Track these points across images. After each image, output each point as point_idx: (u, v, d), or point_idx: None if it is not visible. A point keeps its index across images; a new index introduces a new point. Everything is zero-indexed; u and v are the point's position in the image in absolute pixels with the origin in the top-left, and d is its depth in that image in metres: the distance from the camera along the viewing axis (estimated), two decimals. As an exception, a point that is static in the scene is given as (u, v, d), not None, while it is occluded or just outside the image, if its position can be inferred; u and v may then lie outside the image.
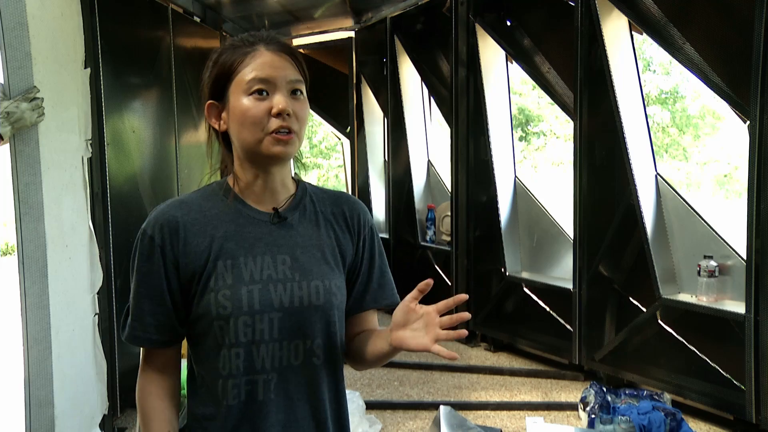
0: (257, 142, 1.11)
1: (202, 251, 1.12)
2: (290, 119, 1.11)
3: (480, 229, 4.81)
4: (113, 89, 3.50)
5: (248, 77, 1.11)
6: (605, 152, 3.84)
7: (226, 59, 1.14)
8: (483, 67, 4.63)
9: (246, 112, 1.11)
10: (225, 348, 1.11)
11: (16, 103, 2.57)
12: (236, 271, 1.11)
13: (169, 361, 1.19)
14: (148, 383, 1.18)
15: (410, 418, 3.59)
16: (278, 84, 1.12)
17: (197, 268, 1.12)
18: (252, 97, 1.11)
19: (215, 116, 1.17)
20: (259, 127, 1.10)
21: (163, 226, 1.12)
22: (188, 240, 1.12)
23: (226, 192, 1.17)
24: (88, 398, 3.10)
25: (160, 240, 1.12)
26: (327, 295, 1.15)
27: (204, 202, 1.16)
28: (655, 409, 3.13)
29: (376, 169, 6.26)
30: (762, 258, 3.00)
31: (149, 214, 1.15)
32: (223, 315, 1.10)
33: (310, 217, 1.20)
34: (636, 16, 3.60)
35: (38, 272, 2.72)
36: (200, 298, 1.11)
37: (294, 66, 1.15)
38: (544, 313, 4.35)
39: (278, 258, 1.14)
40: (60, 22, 2.95)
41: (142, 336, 1.15)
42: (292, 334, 1.13)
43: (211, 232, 1.13)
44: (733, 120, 11.85)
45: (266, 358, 1.11)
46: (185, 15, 4.73)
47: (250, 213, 1.16)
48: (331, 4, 5.65)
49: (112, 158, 3.47)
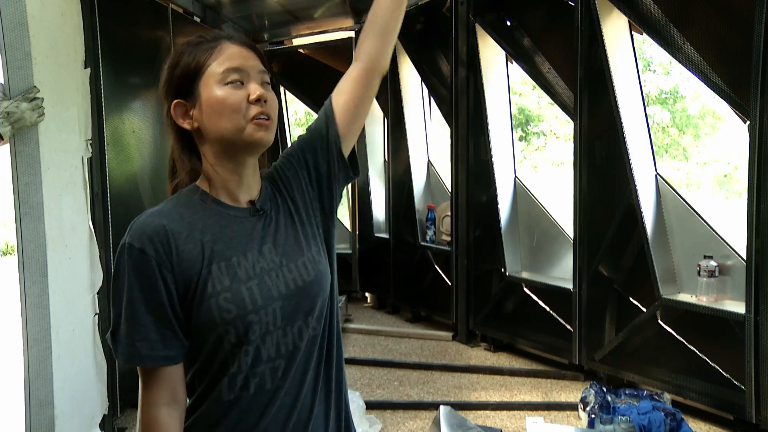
0: (239, 130, 1.11)
1: (196, 257, 1.09)
2: (267, 105, 1.12)
3: (480, 229, 4.81)
4: (113, 89, 3.50)
5: (221, 68, 1.11)
6: (605, 152, 3.84)
7: (191, 57, 1.14)
8: (483, 67, 4.63)
9: (224, 101, 1.10)
10: (234, 348, 1.09)
11: (16, 103, 2.57)
12: (231, 271, 1.10)
13: (179, 378, 1.11)
14: (162, 417, 1.08)
15: (410, 418, 3.59)
16: (251, 73, 1.13)
17: (193, 276, 1.09)
18: (228, 87, 1.11)
19: (182, 116, 1.15)
20: (240, 114, 1.10)
21: (152, 237, 1.07)
22: (180, 248, 1.09)
23: (202, 196, 1.15)
24: (88, 398, 3.10)
25: (153, 251, 1.07)
26: (314, 265, 1.16)
27: (183, 210, 1.13)
28: (655, 409, 3.13)
29: (376, 169, 6.26)
30: (762, 258, 3.00)
31: (129, 229, 1.10)
32: (229, 318, 1.08)
33: (276, 201, 1.21)
34: (636, 16, 3.60)
35: (38, 272, 2.72)
36: (199, 306, 1.08)
37: (259, 58, 1.16)
38: (544, 313, 4.35)
39: (264, 248, 1.14)
40: (60, 22, 2.96)
41: (151, 354, 1.07)
42: (293, 317, 1.13)
43: (199, 237, 1.11)
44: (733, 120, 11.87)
45: (272, 347, 1.11)
46: (185, 15, 4.73)
47: (230, 212, 1.15)
48: (331, 4, 5.65)
49: (112, 158, 3.47)
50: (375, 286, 6.20)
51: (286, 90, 6.89)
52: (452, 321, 5.02)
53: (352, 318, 5.68)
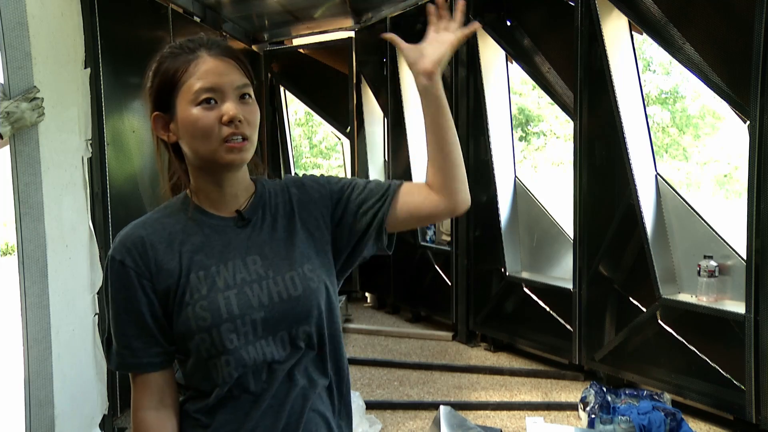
0: (211, 152, 1.09)
1: (173, 268, 1.11)
2: (242, 125, 1.09)
3: (480, 229, 4.81)
4: (113, 89, 3.50)
5: (195, 87, 1.08)
6: (605, 152, 3.84)
7: (168, 68, 1.11)
8: (483, 67, 4.63)
9: (195, 123, 1.09)
10: (214, 358, 1.10)
11: (16, 103, 2.57)
12: (209, 280, 1.11)
13: (167, 383, 1.15)
14: (150, 420, 1.13)
15: (410, 418, 3.59)
16: (225, 91, 1.09)
17: (171, 285, 1.10)
18: (200, 107, 1.08)
19: (162, 127, 1.14)
20: (211, 137, 1.08)
21: (131, 249, 1.10)
22: (158, 259, 1.10)
23: (186, 205, 1.16)
24: (88, 398, 3.10)
25: (132, 263, 1.10)
26: (304, 281, 1.15)
27: (166, 219, 1.14)
28: (655, 409, 3.13)
29: (376, 169, 6.25)
30: (762, 258, 3.00)
31: (113, 240, 1.14)
32: (204, 326, 1.09)
33: (272, 212, 1.19)
34: (636, 16, 3.60)
35: (38, 272, 2.72)
36: (178, 315, 1.10)
37: (239, 69, 1.12)
38: (544, 313, 4.35)
39: (248, 259, 1.14)
40: (60, 22, 2.96)
41: (134, 362, 1.12)
42: (276, 328, 1.12)
43: (178, 247, 1.12)
44: (733, 120, 11.85)
45: (256, 356, 1.11)
46: (185, 15, 4.73)
47: (212, 221, 1.15)
48: (331, 4, 5.65)
49: (112, 158, 3.47)
50: (375, 286, 6.20)
51: (286, 90, 6.89)
52: (452, 321, 5.02)
53: (352, 318, 5.68)
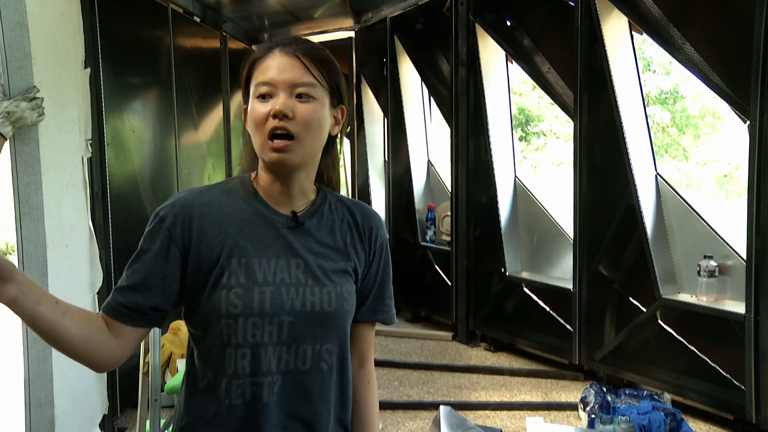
0: (260, 146, 1.11)
1: (216, 245, 1.11)
2: (289, 121, 1.08)
3: (480, 229, 4.81)
4: (113, 89, 3.50)
5: (257, 81, 1.12)
6: (605, 152, 3.84)
7: (247, 64, 1.16)
8: (483, 67, 4.63)
9: (251, 114, 1.12)
10: (231, 347, 1.09)
11: (16, 103, 2.57)
12: (250, 270, 1.10)
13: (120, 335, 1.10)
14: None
15: (410, 418, 3.59)
16: (279, 86, 1.09)
17: (208, 261, 1.10)
18: (258, 100, 1.11)
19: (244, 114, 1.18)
20: (261, 130, 1.10)
21: (178, 211, 1.11)
22: (203, 230, 1.11)
23: (246, 187, 1.17)
24: (88, 398, 3.10)
25: (171, 222, 1.10)
26: (339, 301, 1.14)
27: (224, 197, 1.15)
28: (655, 409, 3.13)
29: (376, 169, 6.26)
30: (762, 258, 3.00)
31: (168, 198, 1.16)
32: (233, 313, 1.08)
33: (327, 224, 1.18)
34: (636, 16, 3.60)
35: (38, 272, 2.72)
36: (210, 294, 1.09)
37: (304, 68, 1.11)
38: (544, 313, 4.35)
39: (292, 262, 1.13)
40: (60, 22, 2.95)
41: (111, 303, 1.11)
42: (301, 338, 1.12)
43: (226, 227, 1.12)
44: (733, 120, 11.87)
45: (273, 360, 1.10)
46: (185, 15, 4.73)
47: (267, 213, 1.15)
48: (331, 4, 5.65)
49: (112, 158, 3.47)
50: (375, 286, 6.19)
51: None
52: (452, 321, 5.02)
53: (352, 318, 5.67)
